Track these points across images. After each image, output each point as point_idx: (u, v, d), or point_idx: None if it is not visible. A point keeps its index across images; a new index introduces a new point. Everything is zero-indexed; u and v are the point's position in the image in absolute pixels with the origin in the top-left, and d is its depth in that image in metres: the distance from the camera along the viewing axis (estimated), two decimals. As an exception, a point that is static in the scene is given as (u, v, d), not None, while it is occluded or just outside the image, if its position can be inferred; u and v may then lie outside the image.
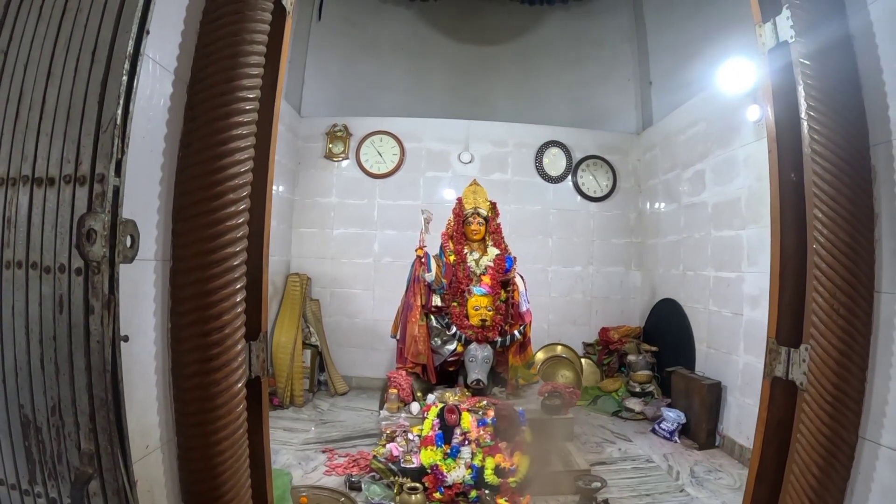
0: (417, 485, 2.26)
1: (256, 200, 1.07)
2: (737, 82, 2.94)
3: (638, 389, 3.82)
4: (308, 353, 3.99)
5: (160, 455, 0.95)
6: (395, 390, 2.89)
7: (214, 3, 1.03)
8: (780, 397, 1.26)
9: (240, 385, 0.99)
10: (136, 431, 0.87)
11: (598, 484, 2.41)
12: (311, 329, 4.07)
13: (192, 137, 0.98)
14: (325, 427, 3.36)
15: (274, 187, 4.09)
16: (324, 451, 2.91)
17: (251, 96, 1.00)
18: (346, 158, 4.37)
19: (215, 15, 1.02)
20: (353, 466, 2.69)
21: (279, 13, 1.17)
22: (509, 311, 3.07)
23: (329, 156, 4.36)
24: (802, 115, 1.15)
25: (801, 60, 1.14)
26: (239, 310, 0.99)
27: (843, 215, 1.12)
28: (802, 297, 1.22)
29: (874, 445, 1.16)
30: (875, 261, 1.17)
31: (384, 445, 2.59)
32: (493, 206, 3.33)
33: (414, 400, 2.92)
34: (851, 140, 1.13)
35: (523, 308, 3.10)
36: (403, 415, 2.81)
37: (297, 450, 2.94)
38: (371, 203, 4.35)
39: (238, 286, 0.99)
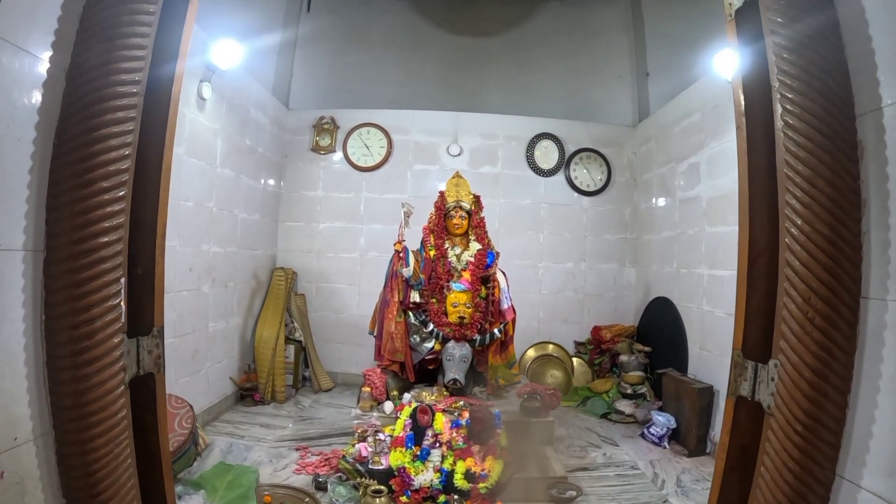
0: (382, 487, 2.17)
1: (150, 190, 1.03)
2: (732, 69, 2.78)
3: (630, 391, 3.67)
4: (291, 348, 3.92)
5: (33, 448, 0.93)
6: (367, 388, 2.80)
7: None
8: (746, 420, 1.10)
9: (116, 381, 0.94)
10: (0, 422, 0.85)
11: (574, 492, 2.30)
12: (296, 324, 4.00)
13: (67, 124, 0.95)
14: (303, 424, 3.29)
15: (260, 181, 4.04)
16: (297, 449, 2.83)
17: (129, 80, 0.96)
18: (333, 151, 4.28)
19: (95, 0, 0.98)
20: (323, 466, 2.61)
21: None
22: (489, 309, 2.95)
23: (316, 149, 4.28)
24: (773, 82, 0.99)
25: (771, 17, 0.98)
26: (113, 303, 0.93)
27: (821, 201, 0.94)
28: (776, 300, 1.04)
29: (853, 487, 0.96)
30: (861, 258, 0.97)
31: (354, 445, 2.50)
32: (477, 199, 3.21)
33: (388, 399, 2.83)
34: (832, 110, 0.95)
35: (504, 305, 2.98)
36: (375, 414, 2.72)
37: (270, 447, 2.87)
38: (357, 197, 4.26)
39: (112, 278, 0.93)
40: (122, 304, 0.94)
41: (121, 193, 0.94)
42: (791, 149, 0.96)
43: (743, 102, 1.10)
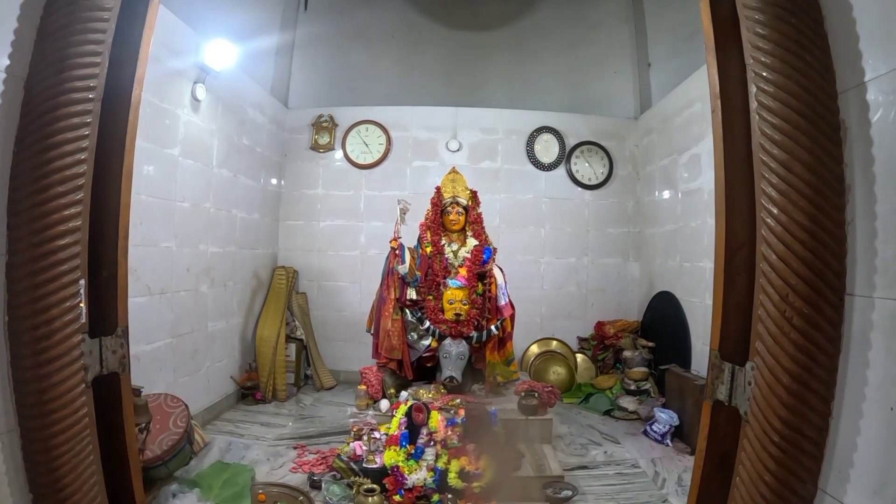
0: (375, 486, 2.16)
1: (112, 194, 1.05)
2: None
3: (633, 387, 3.61)
4: (293, 346, 3.94)
5: (-1, 444, 0.96)
6: (363, 386, 2.79)
7: None
8: (725, 425, 1.04)
9: (77, 379, 0.96)
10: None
11: (570, 492, 2.26)
12: (297, 322, 4.02)
13: (25, 133, 0.97)
14: (303, 422, 3.30)
15: (260, 180, 4.05)
16: (295, 448, 2.84)
17: (83, 86, 0.97)
18: (333, 149, 4.28)
19: (52, 8, 0.99)
20: (320, 464, 2.61)
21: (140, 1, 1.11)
22: (486, 305, 2.92)
23: (315, 147, 4.29)
24: (747, 59, 0.93)
25: None
26: (72, 303, 0.95)
27: (799, 188, 0.87)
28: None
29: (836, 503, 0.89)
30: (846, 251, 0.90)
31: (349, 444, 2.50)
32: (474, 194, 3.17)
33: (384, 397, 2.82)
34: (811, 87, 0.88)
35: (502, 302, 2.94)
36: (371, 412, 2.71)
37: (269, 445, 2.89)
38: (357, 194, 4.26)
39: (70, 279, 0.95)
40: (81, 304, 0.95)
41: (77, 197, 0.95)
42: (766, 131, 0.89)
43: (718, 84, 1.04)
